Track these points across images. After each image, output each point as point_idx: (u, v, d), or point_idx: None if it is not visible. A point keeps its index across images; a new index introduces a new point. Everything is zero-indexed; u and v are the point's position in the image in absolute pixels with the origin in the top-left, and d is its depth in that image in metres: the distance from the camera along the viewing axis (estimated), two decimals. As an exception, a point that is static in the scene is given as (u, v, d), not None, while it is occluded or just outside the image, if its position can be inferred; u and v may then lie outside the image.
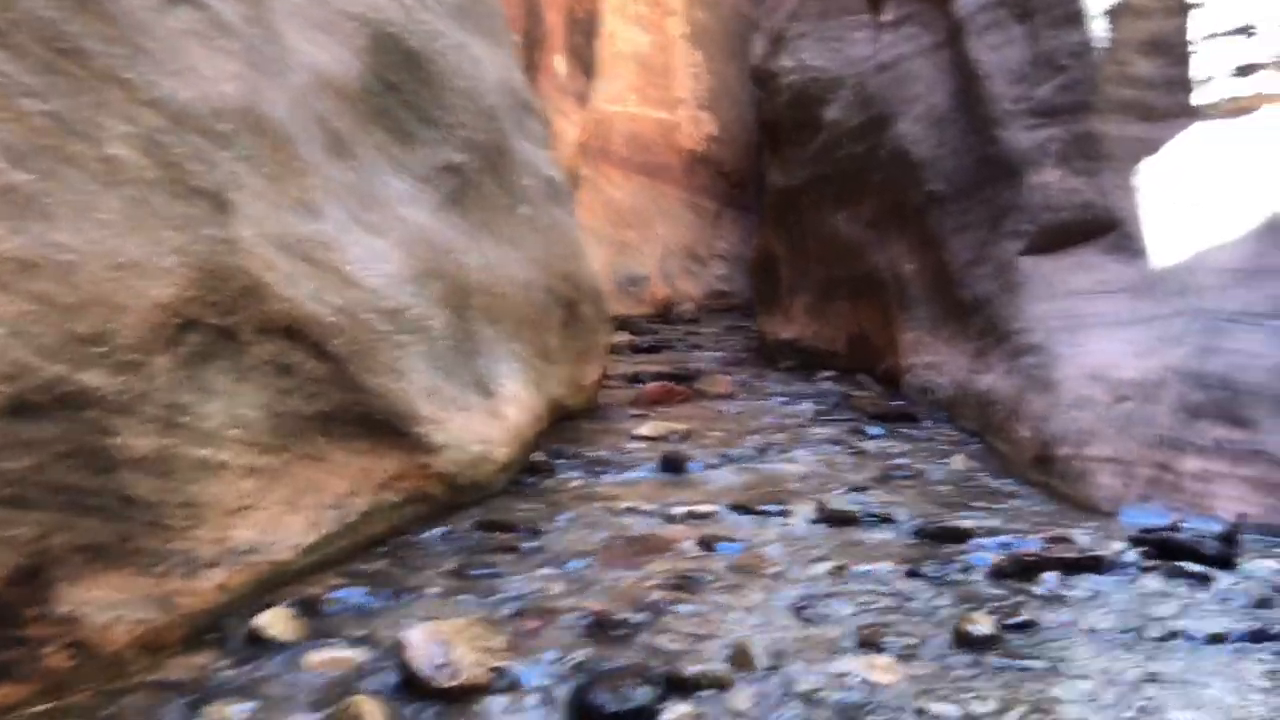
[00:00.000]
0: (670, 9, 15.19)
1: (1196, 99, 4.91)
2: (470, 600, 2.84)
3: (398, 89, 3.69)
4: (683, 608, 2.77)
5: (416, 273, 3.49)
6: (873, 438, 5.19)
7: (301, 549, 2.91)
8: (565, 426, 5.28)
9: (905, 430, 5.35)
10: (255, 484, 2.75)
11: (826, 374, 7.50)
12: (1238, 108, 4.72)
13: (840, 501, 3.70)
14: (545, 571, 3.12)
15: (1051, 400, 4.34)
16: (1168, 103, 5.03)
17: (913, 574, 3.05)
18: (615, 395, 6.51)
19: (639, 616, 2.69)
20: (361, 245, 3.19)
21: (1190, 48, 4.97)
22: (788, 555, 3.24)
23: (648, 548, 3.34)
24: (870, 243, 7.06)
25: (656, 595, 2.86)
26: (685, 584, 2.98)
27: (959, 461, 4.53)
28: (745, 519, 3.67)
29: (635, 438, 5.04)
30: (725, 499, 3.88)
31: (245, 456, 2.72)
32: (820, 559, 3.20)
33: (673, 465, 4.43)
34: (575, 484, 4.19)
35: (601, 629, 2.61)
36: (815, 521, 3.63)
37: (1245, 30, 4.75)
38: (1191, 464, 3.62)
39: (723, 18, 15.69)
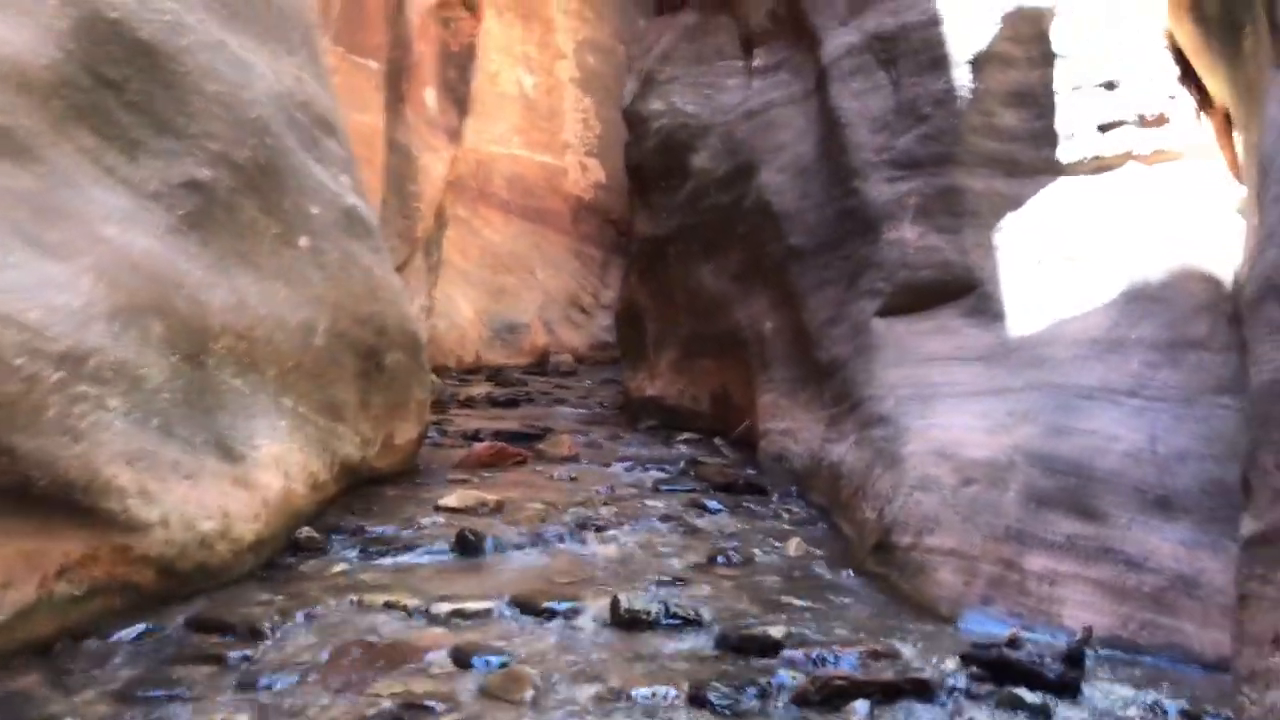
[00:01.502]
0: (560, 52, 14.80)
1: (1061, 154, 4.57)
2: (110, 742, 2.17)
3: (118, 86, 3.05)
4: (390, 755, 2.15)
5: (118, 308, 2.82)
6: (711, 513, 4.64)
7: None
8: (364, 493, 4.63)
9: (749, 505, 4.82)
10: None
11: (687, 436, 6.99)
12: (1101, 165, 4.39)
13: (641, 599, 3.11)
14: (239, 696, 2.47)
15: (896, 478, 3.86)
16: (1032, 157, 4.69)
17: (697, 701, 2.48)
18: (443, 455, 5.87)
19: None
20: (23, 270, 2.52)
21: (1055, 100, 4.64)
22: (556, 673, 2.64)
23: (388, 661, 2.71)
24: (734, 297, 6.61)
25: (363, 735, 2.23)
26: (412, 717, 2.36)
27: (795, 545, 4.00)
28: (523, 621, 3.06)
29: (439, 509, 4.40)
30: (510, 591, 3.26)
31: None
32: (593, 678, 2.61)
33: (467, 546, 3.81)
34: (340, 569, 3.53)
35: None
36: (606, 624, 3.04)
37: (1109, 85, 4.44)
38: (1038, 562, 3.14)
39: (615, 64, 15.33)
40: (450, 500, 4.46)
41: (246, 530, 3.38)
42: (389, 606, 3.13)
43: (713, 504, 4.74)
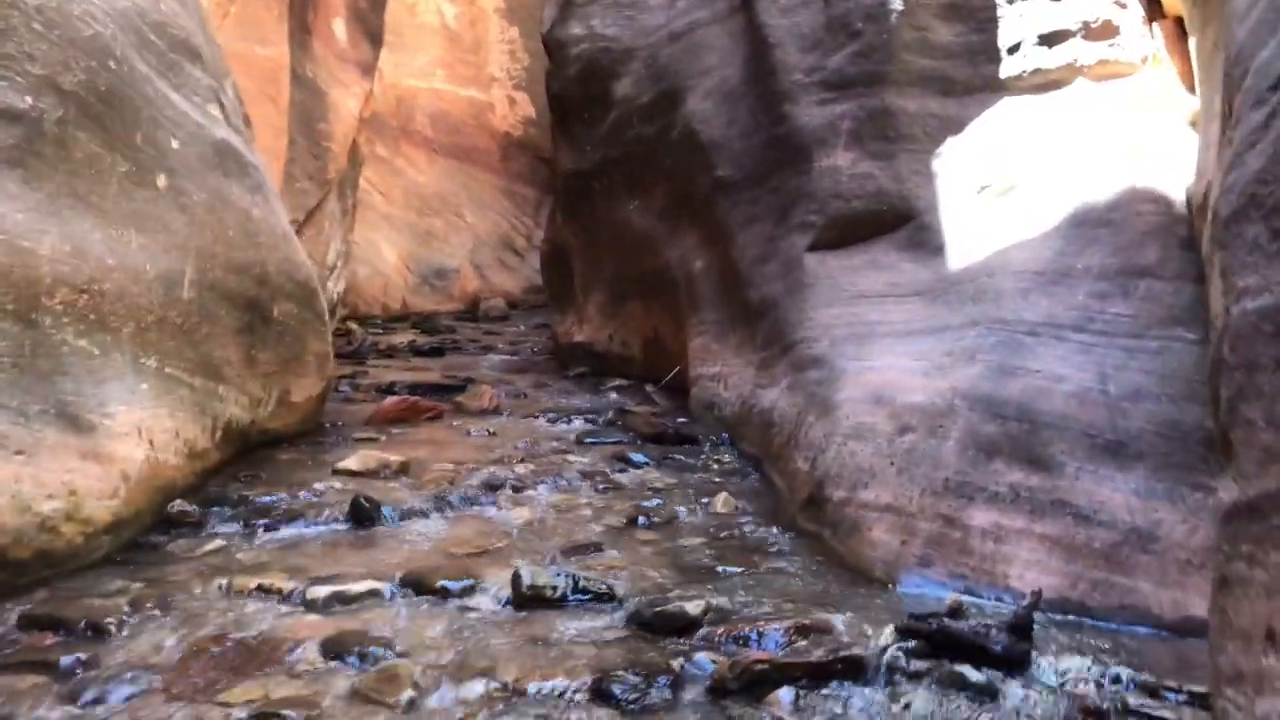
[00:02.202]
0: (483, -19, 14.12)
1: (1001, 71, 4.24)
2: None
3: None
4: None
5: (-92, 263, 2.38)
6: (636, 467, 4.33)
7: None
8: (256, 458, 4.24)
9: (677, 457, 4.52)
10: None
11: (617, 383, 6.66)
12: (1046, 81, 4.07)
13: (547, 573, 2.78)
14: (63, 710, 2.10)
15: (829, 427, 3.57)
16: (969, 75, 4.36)
17: (600, 695, 2.17)
18: (353, 412, 5.48)
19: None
20: None
21: (994, 12, 4.30)
22: (441, 668, 2.30)
23: (249, 659, 2.36)
24: (662, 235, 6.24)
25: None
26: (266, 728, 2.02)
27: (723, 501, 3.70)
28: (413, 603, 2.72)
29: (337, 472, 4.03)
30: (402, 569, 2.92)
31: None
32: (483, 672, 2.28)
33: (361, 515, 3.45)
34: (214, 547, 3.15)
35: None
36: (506, 604, 2.71)
37: (1053, -7, 4.10)
38: (981, 517, 2.87)
39: (541, -6, 14.69)
40: (350, 463, 4.08)
41: (100, 509, 2.98)
42: (262, 591, 2.77)
43: (638, 457, 4.43)
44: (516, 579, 2.73)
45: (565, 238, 7.64)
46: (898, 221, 4.31)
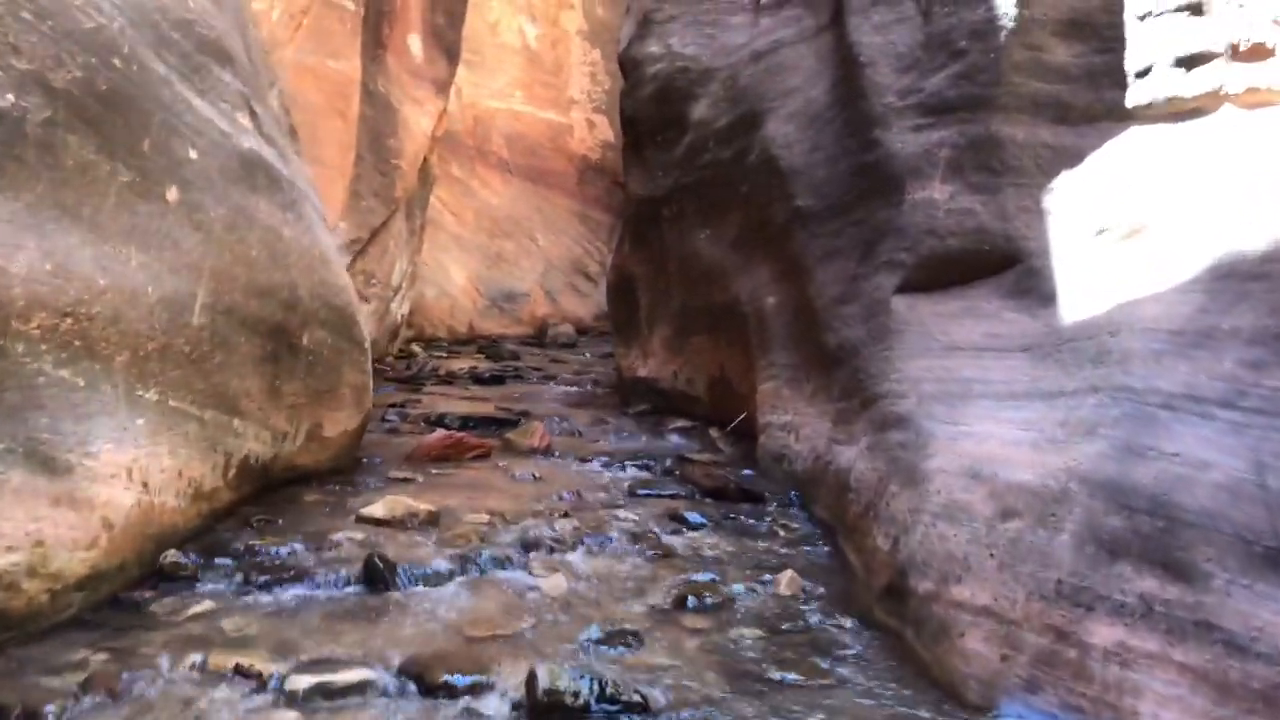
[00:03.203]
0: (566, 1, 13.89)
1: (1129, 97, 3.70)
2: None
3: None
4: None
5: None
6: (692, 528, 3.86)
7: None
8: (277, 497, 3.89)
9: (739, 517, 4.03)
10: None
11: (680, 424, 6.21)
12: (1183, 109, 3.51)
13: (569, 674, 2.33)
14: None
15: (915, 501, 3.06)
16: (1090, 100, 3.83)
17: None
18: (395, 446, 5.11)
19: None
20: None
21: (1122, 30, 3.77)
22: (424, 800, 1.87)
23: (197, 772, 1.95)
24: (733, 267, 5.79)
25: None
26: None
27: (788, 581, 3.21)
28: (409, 703, 2.30)
29: (361, 520, 3.64)
30: (406, 651, 2.50)
31: None
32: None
33: (374, 577, 3.05)
34: (202, 609, 2.77)
35: None
36: (519, 708, 2.27)
37: (1193, 8, 3.56)
38: (1104, 633, 2.34)
39: (624, 14, 14.41)
40: (376, 509, 3.69)
41: (73, 562, 2.63)
42: (239, 674, 2.37)
43: (695, 516, 3.96)
44: (532, 681, 2.28)
45: (632, 267, 7.23)
46: (1001, 264, 3.79)
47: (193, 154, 3.19)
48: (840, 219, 4.64)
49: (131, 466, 2.88)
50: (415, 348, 9.93)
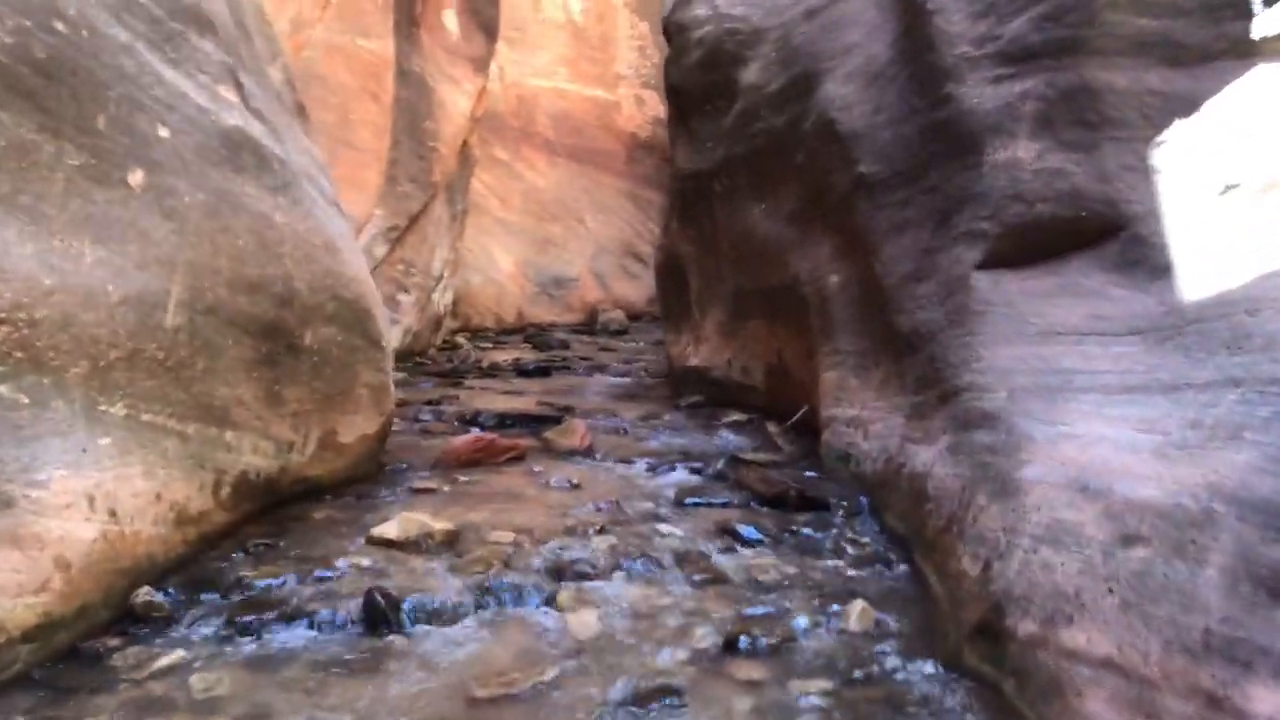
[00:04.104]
0: (612, -27, 13.38)
1: (1256, 29, 3.12)
2: None
3: None
4: None
5: None
6: (747, 544, 3.38)
7: None
8: (285, 514, 3.52)
9: (800, 530, 3.55)
10: None
11: (734, 417, 5.74)
12: (1327, 38, 2.94)
13: (590, 748, 1.89)
14: None
15: (1010, 518, 2.55)
16: (1207, 37, 3.26)
17: None
18: (425, 449, 4.72)
19: None
20: None
21: (1245, -50, 3.19)
22: None
23: None
24: (790, 244, 5.29)
25: None
26: None
27: (859, 613, 2.72)
28: (389, 791, 1.86)
29: (371, 541, 3.24)
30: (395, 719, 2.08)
31: None
32: None
33: (375, 616, 2.63)
34: (169, 662, 2.38)
35: None
36: (526, 800, 1.83)
37: (1336, -82, 2.97)
38: (1270, 699, 1.82)
39: (671, -17, 13.85)
40: (388, 529, 3.29)
41: (16, 611, 2.25)
42: (193, 752, 1.97)
43: (749, 531, 3.48)
44: (543, 764, 1.84)
45: (680, 247, 6.75)
46: (1101, 232, 3.24)
47: (163, 132, 2.78)
48: (909, 186, 4.11)
49: (93, 493, 2.49)
50: (460, 339, 9.58)
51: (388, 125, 7.97)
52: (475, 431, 4.99)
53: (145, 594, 2.64)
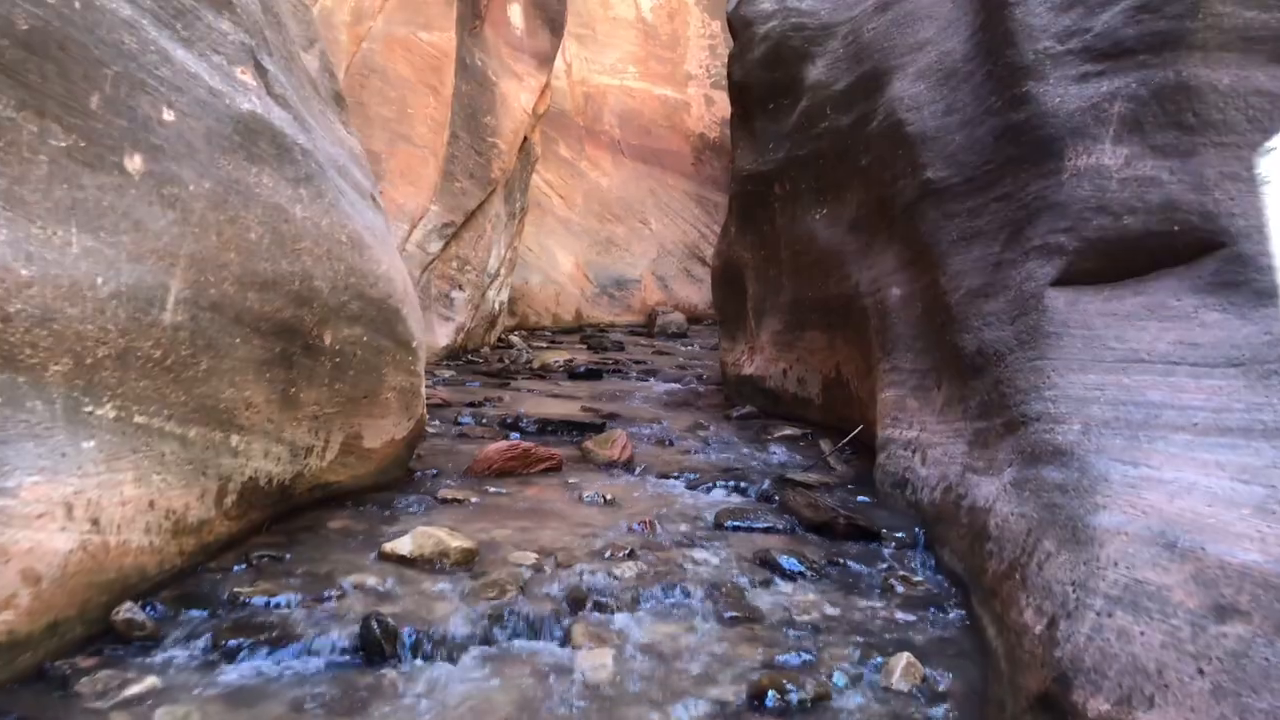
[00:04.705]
0: (684, -30, 13.11)
1: (1385, 22, 2.76)
2: None
3: None
4: None
5: None
6: (787, 578, 3.11)
7: None
8: (298, 523, 3.34)
9: (847, 563, 3.26)
10: None
11: (787, 431, 5.45)
12: None
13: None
14: None
15: (1081, 571, 2.24)
16: (1328, 31, 2.89)
17: None
18: (462, 453, 4.53)
19: None
20: None
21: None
22: None
23: None
24: (851, 253, 4.98)
25: None
26: None
27: (905, 668, 2.43)
28: None
29: (384, 557, 3.03)
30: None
31: None
32: None
33: (372, 645, 2.42)
34: (139, 690, 2.19)
35: None
36: None
37: None
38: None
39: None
40: (402, 545, 3.08)
41: (-23, 629, 2.07)
42: (143, 802, 1.76)
43: (790, 563, 3.20)
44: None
45: (739, 253, 6.47)
46: (1197, 248, 2.90)
47: (167, 115, 2.60)
48: (981, 194, 3.79)
49: (72, 501, 2.32)
50: (514, 337, 9.41)
51: (446, 120, 7.83)
52: (514, 437, 4.77)
53: (127, 610, 2.46)
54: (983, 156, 3.82)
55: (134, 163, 2.48)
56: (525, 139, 8.96)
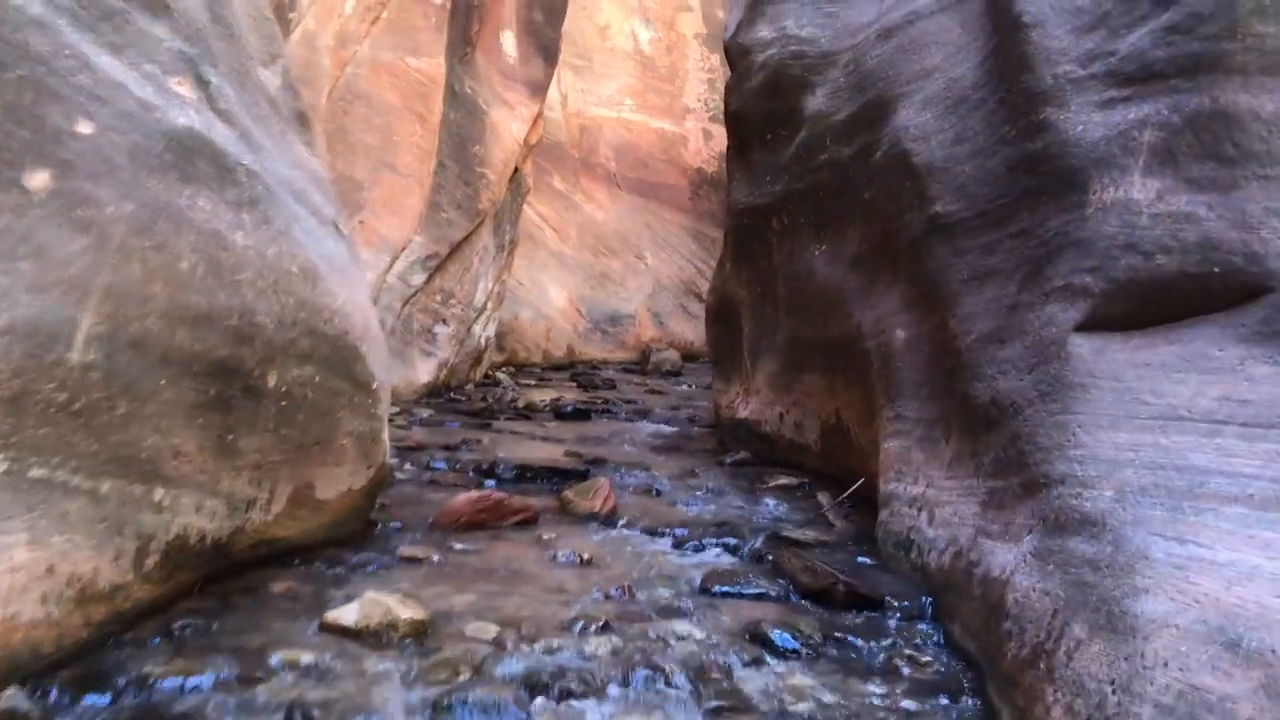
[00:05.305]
0: (684, 4, 12.95)
1: None
2: None
3: None
4: None
5: None
6: (779, 656, 2.76)
7: None
8: (237, 585, 3.00)
9: (847, 637, 2.92)
10: None
11: (782, 481, 5.12)
12: None
13: None
14: None
15: (1121, 669, 1.91)
16: (1386, 53, 2.60)
17: None
18: (431, 503, 4.20)
19: None
20: None
21: None
22: None
23: None
24: (853, 292, 4.68)
25: None
26: None
27: (912, 775, 2.09)
28: None
29: (326, 628, 2.69)
30: None
31: None
32: None
33: (291, 741, 2.08)
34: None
35: None
36: None
37: None
38: None
39: None
40: (346, 614, 2.74)
41: None
42: None
43: (784, 638, 2.85)
44: None
45: (733, 289, 6.18)
46: (1241, 293, 2.59)
47: (83, 127, 2.30)
48: (994, 229, 3.49)
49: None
50: (501, 374, 9.09)
51: (433, 149, 7.56)
52: (489, 485, 4.44)
53: (9, 699, 2.12)
54: (996, 189, 3.52)
55: (37, 179, 2.18)
56: (516, 170, 8.70)
